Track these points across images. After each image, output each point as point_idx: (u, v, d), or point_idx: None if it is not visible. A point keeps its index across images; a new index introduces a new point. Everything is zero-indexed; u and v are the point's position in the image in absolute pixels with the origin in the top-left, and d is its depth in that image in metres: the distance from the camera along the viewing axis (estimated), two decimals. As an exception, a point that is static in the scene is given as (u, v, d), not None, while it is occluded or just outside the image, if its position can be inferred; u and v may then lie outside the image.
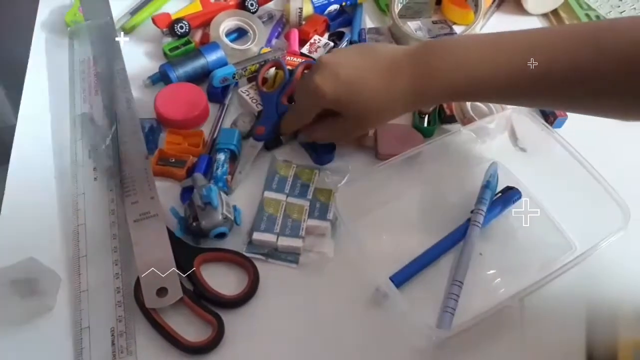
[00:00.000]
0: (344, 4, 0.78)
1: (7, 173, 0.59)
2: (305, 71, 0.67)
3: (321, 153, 0.61)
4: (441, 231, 0.56)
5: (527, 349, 0.50)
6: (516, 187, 0.58)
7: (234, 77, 0.67)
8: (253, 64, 0.68)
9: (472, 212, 0.56)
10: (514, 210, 0.58)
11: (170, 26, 0.71)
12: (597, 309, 0.52)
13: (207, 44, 0.71)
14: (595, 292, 0.53)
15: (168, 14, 0.73)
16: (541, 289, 0.49)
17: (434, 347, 0.49)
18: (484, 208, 0.55)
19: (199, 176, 0.56)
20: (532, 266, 0.54)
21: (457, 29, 0.76)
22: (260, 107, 0.65)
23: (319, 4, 0.76)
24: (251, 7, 0.76)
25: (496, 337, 0.50)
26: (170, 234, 0.54)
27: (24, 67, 0.69)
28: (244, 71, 0.68)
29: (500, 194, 0.58)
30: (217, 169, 0.59)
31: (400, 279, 0.52)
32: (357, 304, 0.52)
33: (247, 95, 0.66)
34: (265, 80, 0.68)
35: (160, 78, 0.68)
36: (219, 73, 0.66)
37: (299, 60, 0.70)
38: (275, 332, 0.50)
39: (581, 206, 0.54)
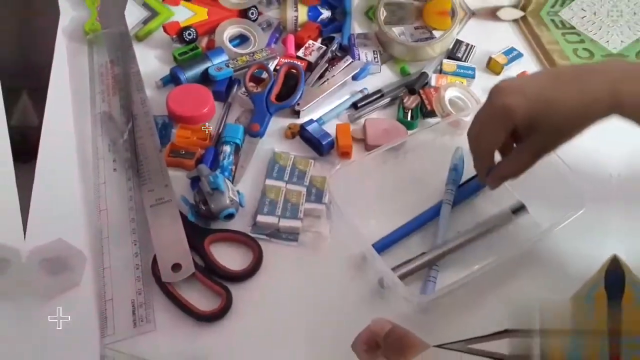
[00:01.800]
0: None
1: (34, 168, 0.62)
2: (292, 70, 0.71)
3: (322, 145, 0.65)
4: (421, 210, 0.60)
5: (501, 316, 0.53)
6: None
7: (227, 66, 0.72)
8: (243, 56, 0.73)
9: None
10: (483, 193, 0.62)
11: (179, 33, 0.75)
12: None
13: (213, 49, 0.75)
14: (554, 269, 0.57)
15: (177, 23, 0.76)
16: (509, 261, 0.54)
17: (417, 313, 0.53)
18: (453, 187, 0.60)
19: (203, 167, 0.60)
20: (501, 242, 0.58)
21: (436, 34, 0.79)
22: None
23: (313, 13, 0.81)
24: (252, 16, 0.80)
25: (472, 305, 0.54)
26: (183, 217, 0.58)
27: (48, 72, 0.72)
28: (236, 61, 0.72)
29: (471, 179, 0.62)
30: (223, 159, 0.63)
31: (381, 246, 0.56)
32: (348, 275, 0.56)
33: (246, 95, 0.71)
34: (255, 79, 0.72)
35: (171, 80, 0.72)
36: (215, 63, 0.72)
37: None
38: (278, 301, 0.54)
39: (544, 188, 0.57)
